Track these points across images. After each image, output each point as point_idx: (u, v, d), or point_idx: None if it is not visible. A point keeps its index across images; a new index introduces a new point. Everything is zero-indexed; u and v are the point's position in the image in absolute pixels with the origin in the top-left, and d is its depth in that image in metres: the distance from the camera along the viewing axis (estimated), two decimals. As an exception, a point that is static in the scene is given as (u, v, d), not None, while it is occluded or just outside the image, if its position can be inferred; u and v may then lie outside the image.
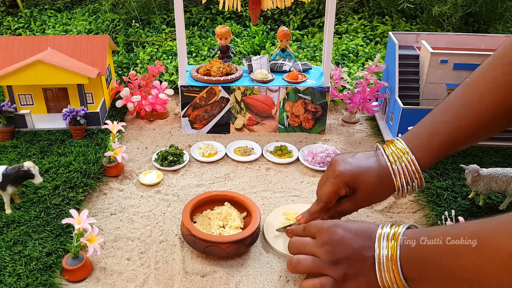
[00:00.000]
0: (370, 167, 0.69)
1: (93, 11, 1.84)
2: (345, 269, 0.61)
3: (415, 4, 1.67)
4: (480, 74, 0.65)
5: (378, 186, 0.68)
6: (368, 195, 0.69)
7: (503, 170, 0.81)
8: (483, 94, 0.64)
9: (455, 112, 0.66)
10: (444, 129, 0.66)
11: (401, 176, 0.67)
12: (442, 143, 0.66)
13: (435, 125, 0.67)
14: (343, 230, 0.64)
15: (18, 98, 1.12)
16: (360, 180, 0.69)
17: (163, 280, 0.71)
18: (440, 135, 0.66)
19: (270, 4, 1.05)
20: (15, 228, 0.78)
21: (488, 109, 0.63)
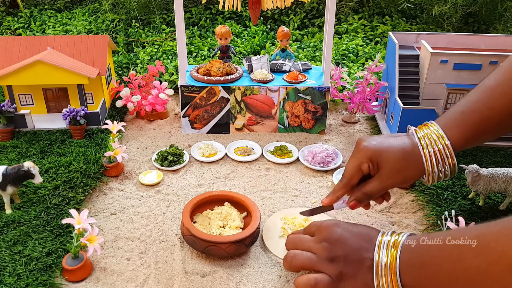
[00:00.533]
0: (397, 144, 0.66)
1: (93, 11, 1.84)
2: (342, 268, 0.60)
3: (415, 4, 1.67)
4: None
5: (403, 164, 0.65)
6: (392, 172, 0.65)
7: (503, 170, 0.81)
8: None
9: (490, 92, 0.64)
10: (478, 107, 0.64)
11: (432, 160, 0.64)
12: (475, 122, 0.64)
13: (468, 104, 0.65)
14: (343, 230, 0.63)
15: (18, 98, 1.12)
16: (384, 155, 0.66)
17: (163, 280, 0.71)
18: (474, 114, 0.64)
19: (270, 4, 1.05)
20: (15, 228, 0.78)
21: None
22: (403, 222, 0.84)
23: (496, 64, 1.01)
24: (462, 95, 1.06)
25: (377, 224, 0.84)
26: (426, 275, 0.53)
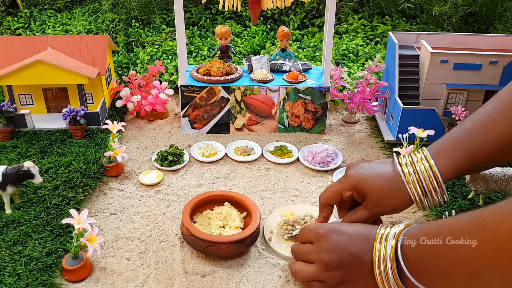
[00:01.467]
0: (382, 173, 0.65)
1: (93, 11, 1.84)
2: (343, 274, 0.60)
3: (415, 4, 1.67)
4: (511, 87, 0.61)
5: (388, 193, 0.64)
6: (378, 201, 0.65)
7: (502, 169, 0.81)
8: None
9: (484, 119, 0.61)
10: (471, 134, 0.61)
11: (417, 188, 0.62)
12: (467, 150, 0.61)
13: (461, 132, 0.63)
14: (339, 235, 0.62)
15: (18, 98, 1.12)
16: (369, 184, 0.65)
17: (163, 280, 0.71)
18: (466, 141, 0.61)
19: (270, 4, 1.05)
20: (15, 228, 0.78)
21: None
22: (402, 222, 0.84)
23: (496, 64, 1.01)
24: (462, 95, 1.06)
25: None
26: (425, 265, 0.53)
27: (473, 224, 0.48)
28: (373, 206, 0.66)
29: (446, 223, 0.53)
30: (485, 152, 0.61)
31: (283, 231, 0.79)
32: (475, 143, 0.61)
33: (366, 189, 0.66)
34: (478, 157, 0.62)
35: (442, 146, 0.64)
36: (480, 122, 0.62)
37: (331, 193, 0.69)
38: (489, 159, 0.62)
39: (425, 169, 0.62)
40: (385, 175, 0.65)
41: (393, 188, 0.64)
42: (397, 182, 0.64)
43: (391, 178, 0.64)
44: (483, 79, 1.04)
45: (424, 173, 0.62)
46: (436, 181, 0.62)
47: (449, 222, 0.53)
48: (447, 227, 0.52)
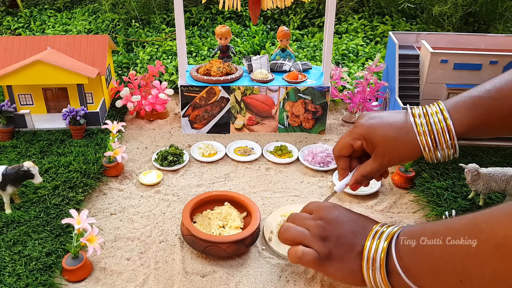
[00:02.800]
0: (393, 122, 0.65)
1: (93, 11, 1.84)
2: (332, 248, 0.60)
3: (415, 4, 1.67)
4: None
5: (398, 143, 0.63)
6: (387, 150, 0.64)
7: (502, 169, 0.81)
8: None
9: (503, 84, 0.61)
10: (490, 95, 0.61)
11: (427, 139, 0.62)
12: (485, 108, 0.61)
13: (480, 91, 0.62)
14: (340, 212, 0.63)
15: (18, 98, 1.12)
16: (378, 133, 0.65)
17: (163, 280, 0.71)
18: (485, 100, 0.61)
19: (270, 3, 1.05)
20: (14, 228, 0.78)
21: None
22: (403, 222, 0.84)
23: (496, 64, 1.01)
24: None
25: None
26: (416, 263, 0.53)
27: (469, 225, 0.48)
28: (381, 156, 0.65)
29: (443, 223, 0.53)
30: (501, 114, 0.61)
31: None
32: (493, 102, 0.61)
33: (375, 138, 0.65)
34: (493, 117, 0.61)
35: (459, 101, 0.63)
36: (500, 85, 0.62)
37: (342, 145, 0.70)
38: (503, 121, 0.62)
39: (439, 121, 0.62)
40: (396, 125, 0.64)
41: (402, 138, 0.63)
42: (407, 132, 0.63)
43: (402, 128, 0.64)
44: (483, 79, 1.02)
45: (438, 125, 0.62)
46: (449, 135, 0.61)
47: (445, 222, 0.53)
48: (444, 227, 0.52)
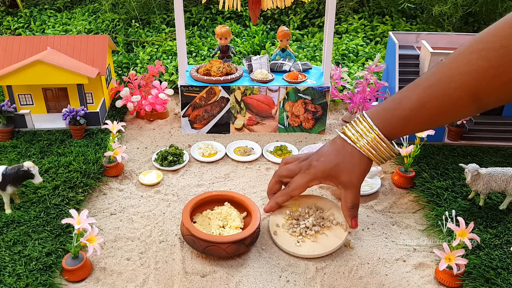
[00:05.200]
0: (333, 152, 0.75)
1: (93, 11, 1.84)
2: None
3: (415, 4, 1.67)
4: (454, 57, 0.64)
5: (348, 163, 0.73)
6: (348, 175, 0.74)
7: (502, 169, 0.81)
8: (453, 77, 0.63)
9: (422, 91, 0.67)
10: (408, 105, 0.68)
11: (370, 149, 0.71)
12: (405, 119, 0.69)
13: (401, 101, 0.69)
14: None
15: (18, 98, 1.12)
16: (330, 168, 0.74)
17: (163, 280, 0.71)
18: (404, 111, 0.68)
19: (270, 3, 1.05)
20: (14, 228, 0.78)
21: (455, 92, 0.63)
22: (403, 222, 0.84)
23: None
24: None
25: (377, 224, 0.84)
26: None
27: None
28: (349, 181, 0.74)
29: None
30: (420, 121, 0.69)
31: (288, 225, 0.79)
32: (411, 114, 0.68)
33: (332, 173, 0.74)
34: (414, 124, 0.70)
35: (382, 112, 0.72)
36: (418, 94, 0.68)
37: (299, 185, 0.77)
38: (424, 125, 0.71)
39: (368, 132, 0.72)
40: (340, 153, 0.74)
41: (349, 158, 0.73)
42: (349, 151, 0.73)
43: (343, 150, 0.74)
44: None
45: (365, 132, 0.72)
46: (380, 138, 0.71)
47: None
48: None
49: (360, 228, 0.83)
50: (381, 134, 0.70)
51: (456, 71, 0.63)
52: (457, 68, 0.63)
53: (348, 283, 0.71)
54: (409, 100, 0.68)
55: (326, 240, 0.76)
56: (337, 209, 0.81)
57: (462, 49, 0.63)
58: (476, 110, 0.65)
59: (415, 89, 0.68)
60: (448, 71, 0.64)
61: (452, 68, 0.63)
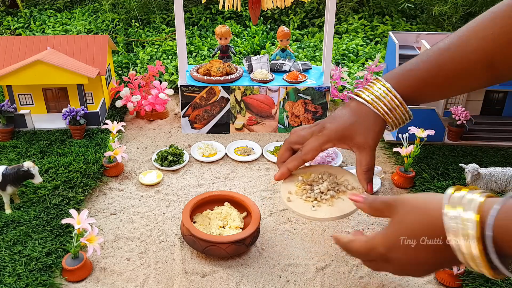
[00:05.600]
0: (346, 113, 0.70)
1: (93, 11, 1.84)
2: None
3: (415, 4, 1.67)
4: (470, 25, 0.66)
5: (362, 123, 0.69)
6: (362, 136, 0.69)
7: (502, 169, 0.81)
8: (470, 41, 0.64)
9: (439, 53, 0.66)
10: (425, 66, 0.67)
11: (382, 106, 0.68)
12: (422, 79, 0.67)
13: (418, 62, 0.68)
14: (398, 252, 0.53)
15: (18, 98, 1.12)
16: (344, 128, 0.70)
17: (163, 280, 0.71)
18: (421, 71, 0.67)
19: (270, 3, 1.05)
20: (14, 228, 0.78)
21: (472, 55, 0.63)
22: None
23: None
24: (462, 95, 1.06)
25: (377, 224, 0.84)
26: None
27: None
28: (364, 143, 0.69)
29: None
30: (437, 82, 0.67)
31: (302, 191, 0.72)
32: (428, 74, 0.66)
33: (346, 133, 0.69)
34: (431, 85, 0.67)
35: (399, 72, 0.69)
36: (435, 56, 0.67)
37: (312, 148, 0.71)
38: (441, 88, 0.68)
39: (385, 93, 0.68)
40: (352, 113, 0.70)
41: (363, 118, 0.69)
42: (363, 112, 0.69)
43: (357, 111, 0.69)
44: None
45: (386, 97, 0.68)
46: (399, 102, 0.68)
47: None
48: None
49: (360, 228, 0.83)
50: (398, 95, 0.67)
51: (472, 35, 0.64)
52: (473, 32, 0.64)
53: (348, 283, 0.71)
54: (425, 61, 0.67)
55: (342, 204, 0.70)
56: (351, 175, 0.76)
57: (477, 18, 0.64)
58: (491, 79, 0.64)
59: (432, 53, 0.67)
60: (464, 36, 0.65)
61: (468, 34, 0.64)
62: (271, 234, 0.81)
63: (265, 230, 0.82)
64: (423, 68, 0.67)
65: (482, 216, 0.45)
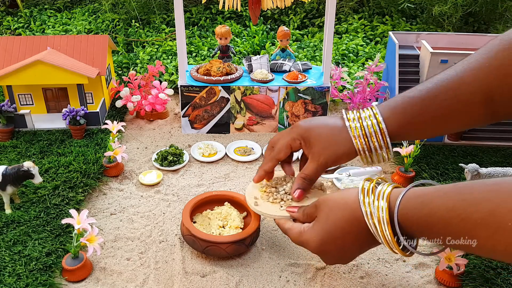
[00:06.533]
0: (328, 123, 0.68)
1: (93, 11, 1.84)
2: None
3: (415, 4, 1.67)
4: (466, 59, 0.64)
5: (333, 140, 0.66)
6: (322, 148, 0.66)
7: (502, 169, 0.81)
8: (465, 72, 0.61)
9: (434, 85, 0.64)
10: (420, 96, 0.64)
11: (361, 138, 0.64)
12: (414, 110, 0.63)
13: (411, 94, 0.65)
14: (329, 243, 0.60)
15: (18, 98, 1.12)
16: (314, 131, 0.68)
17: (163, 280, 0.71)
18: (414, 100, 0.64)
19: (270, 3, 1.05)
20: (14, 228, 0.78)
21: (468, 87, 0.60)
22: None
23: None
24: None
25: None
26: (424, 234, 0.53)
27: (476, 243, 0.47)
28: (318, 155, 0.67)
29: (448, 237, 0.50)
30: (430, 115, 0.63)
31: (267, 195, 0.74)
32: (422, 103, 0.63)
33: (312, 137, 0.68)
34: (423, 117, 0.63)
35: (391, 103, 0.66)
36: (429, 87, 0.64)
37: (282, 145, 0.71)
38: (433, 121, 0.64)
39: (372, 125, 0.64)
40: (331, 125, 0.68)
41: (337, 136, 0.66)
42: (341, 131, 0.66)
43: (337, 128, 0.67)
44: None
45: (371, 129, 0.64)
46: (382, 137, 0.64)
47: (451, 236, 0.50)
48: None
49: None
50: (384, 128, 0.64)
51: (468, 67, 0.61)
52: (468, 65, 0.62)
53: (348, 283, 0.71)
54: (420, 92, 0.64)
55: (308, 201, 0.71)
56: None
57: (472, 55, 0.62)
58: (489, 115, 0.61)
59: (425, 85, 0.65)
60: (460, 68, 0.62)
61: (464, 66, 0.62)
62: (271, 234, 0.81)
63: (265, 230, 0.82)
64: (418, 97, 0.64)
65: (390, 204, 0.55)
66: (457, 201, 0.48)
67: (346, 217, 0.59)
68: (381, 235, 0.55)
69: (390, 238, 0.55)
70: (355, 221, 0.58)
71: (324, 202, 0.63)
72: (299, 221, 0.68)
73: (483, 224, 0.45)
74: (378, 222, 0.55)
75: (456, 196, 0.49)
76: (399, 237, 0.54)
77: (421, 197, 0.53)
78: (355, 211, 0.58)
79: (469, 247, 0.48)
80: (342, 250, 0.60)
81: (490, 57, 0.59)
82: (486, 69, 0.59)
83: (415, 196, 0.54)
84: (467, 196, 0.48)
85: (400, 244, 0.55)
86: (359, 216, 0.57)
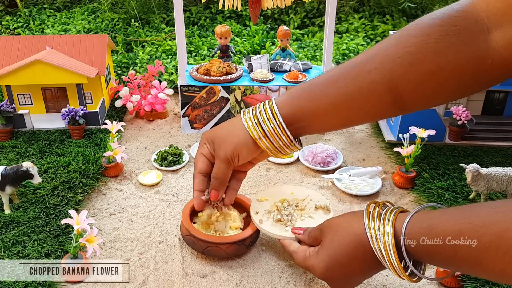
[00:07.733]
0: (228, 121, 0.69)
1: (92, 10, 1.84)
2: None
3: (416, 4, 1.67)
4: (377, 44, 0.60)
5: (228, 131, 0.67)
6: (221, 142, 0.67)
7: (503, 169, 0.81)
8: (371, 59, 0.58)
9: (336, 71, 0.61)
10: (319, 82, 0.62)
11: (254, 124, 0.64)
12: (310, 95, 0.62)
13: (313, 80, 0.63)
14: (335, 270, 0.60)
15: (17, 98, 1.12)
16: (215, 132, 0.69)
17: (163, 281, 0.70)
18: (312, 86, 0.62)
19: (270, 3, 1.05)
20: (14, 229, 0.78)
21: (368, 75, 0.57)
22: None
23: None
24: (463, 94, 1.06)
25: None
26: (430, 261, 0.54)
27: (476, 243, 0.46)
28: (218, 150, 0.67)
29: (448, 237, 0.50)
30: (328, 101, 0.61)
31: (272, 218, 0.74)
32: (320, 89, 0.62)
33: (215, 137, 0.68)
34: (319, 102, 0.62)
35: (289, 92, 0.65)
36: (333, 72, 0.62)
37: (196, 157, 0.71)
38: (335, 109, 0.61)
39: (264, 110, 0.64)
40: (231, 122, 0.69)
41: (234, 128, 0.67)
42: (238, 123, 0.66)
43: (234, 122, 0.68)
44: None
45: (263, 114, 0.64)
46: (276, 121, 0.63)
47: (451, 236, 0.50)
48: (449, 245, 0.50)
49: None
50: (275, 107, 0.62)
51: (374, 53, 0.58)
52: (375, 51, 0.58)
53: (349, 284, 0.71)
54: (320, 77, 0.62)
55: (313, 222, 0.72)
56: (313, 193, 0.79)
57: (387, 38, 0.59)
58: (394, 106, 0.58)
59: (332, 69, 0.62)
60: (365, 55, 0.59)
61: (371, 52, 0.59)
62: (271, 234, 0.81)
63: (265, 231, 0.81)
64: (317, 82, 0.62)
65: (396, 229, 0.54)
66: (464, 225, 0.48)
67: (352, 243, 0.58)
68: (387, 261, 0.55)
69: (397, 264, 0.54)
70: (361, 247, 0.57)
71: (330, 226, 0.62)
72: (304, 243, 0.68)
73: (492, 247, 0.44)
74: (384, 248, 0.54)
75: (462, 219, 0.48)
76: (406, 262, 0.54)
77: (427, 221, 0.52)
78: (360, 236, 0.57)
79: (478, 271, 0.47)
80: (348, 276, 0.60)
81: (399, 43, 0.56)
82: (392, 56, 0.56)
83: (421, 221, 0.53)
84: (473, 219, 0.47)
85: (406, 270, 0.54)
86: (365, 241, 0.57)
